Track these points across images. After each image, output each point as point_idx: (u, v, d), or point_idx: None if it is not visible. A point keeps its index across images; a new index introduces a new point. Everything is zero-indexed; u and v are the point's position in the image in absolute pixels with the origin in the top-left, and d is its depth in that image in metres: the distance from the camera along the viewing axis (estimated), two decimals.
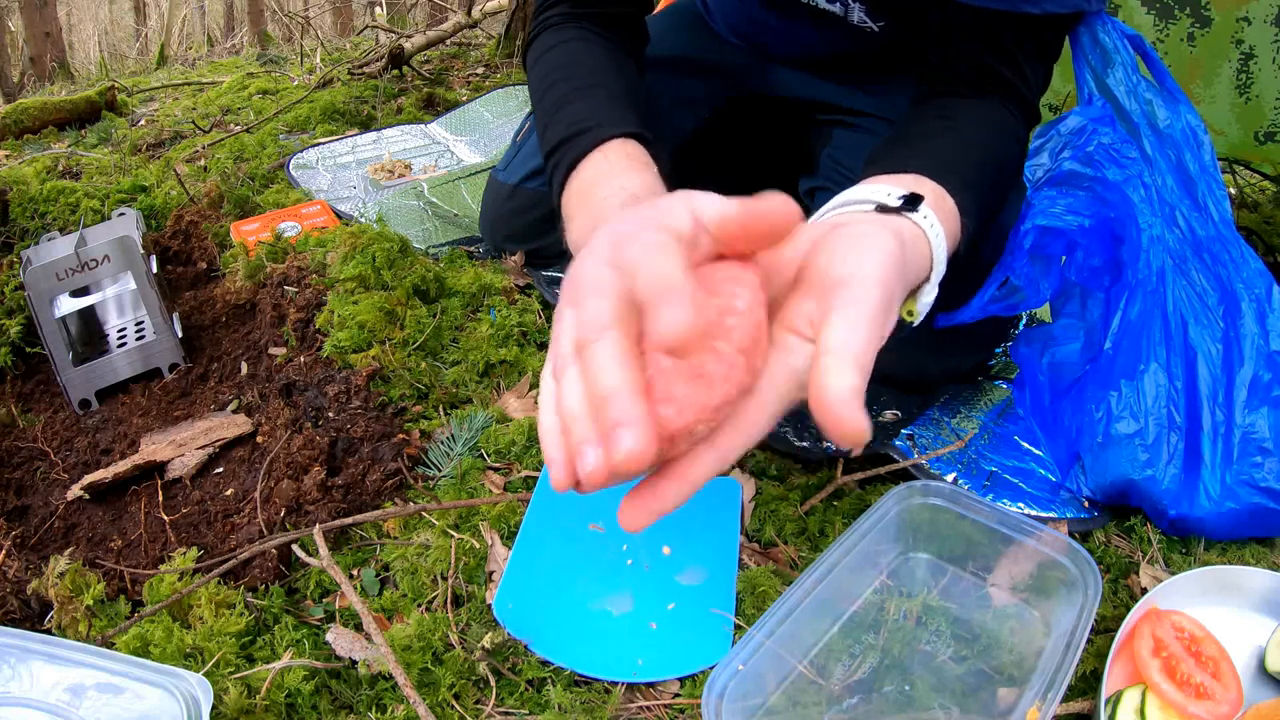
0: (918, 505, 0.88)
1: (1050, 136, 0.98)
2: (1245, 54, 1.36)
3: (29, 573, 0.88)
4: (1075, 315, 1.03)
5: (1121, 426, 0.93)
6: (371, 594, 0.88)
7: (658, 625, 0.83)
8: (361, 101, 2.33)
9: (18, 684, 0.70)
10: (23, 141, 2.16)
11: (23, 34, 7.30)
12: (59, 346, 1.17)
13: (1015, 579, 0.85)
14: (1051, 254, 0.96)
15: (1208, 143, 0.95)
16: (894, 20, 1.09)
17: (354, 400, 1.10)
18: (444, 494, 0.98)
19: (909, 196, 0.65)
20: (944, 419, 1.10)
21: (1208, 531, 0.92)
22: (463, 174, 1.85)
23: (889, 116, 1.17)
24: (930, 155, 0.80)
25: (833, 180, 1.19)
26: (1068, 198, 0.94)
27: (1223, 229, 0.94)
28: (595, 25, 1.03)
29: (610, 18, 1.04)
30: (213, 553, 0.92)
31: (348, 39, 4.96)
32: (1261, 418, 0.90)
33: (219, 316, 1.36)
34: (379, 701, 0.77)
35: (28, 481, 1.09)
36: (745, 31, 1.26)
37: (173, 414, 1.17)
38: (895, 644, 0.81)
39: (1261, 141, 1.43)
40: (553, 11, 1.04)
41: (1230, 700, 0.73)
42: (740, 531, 0.93)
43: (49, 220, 1.58)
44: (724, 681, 0.72)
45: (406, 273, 1.28)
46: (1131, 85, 0.96)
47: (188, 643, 0.78)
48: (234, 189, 1.69)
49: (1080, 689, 0.79)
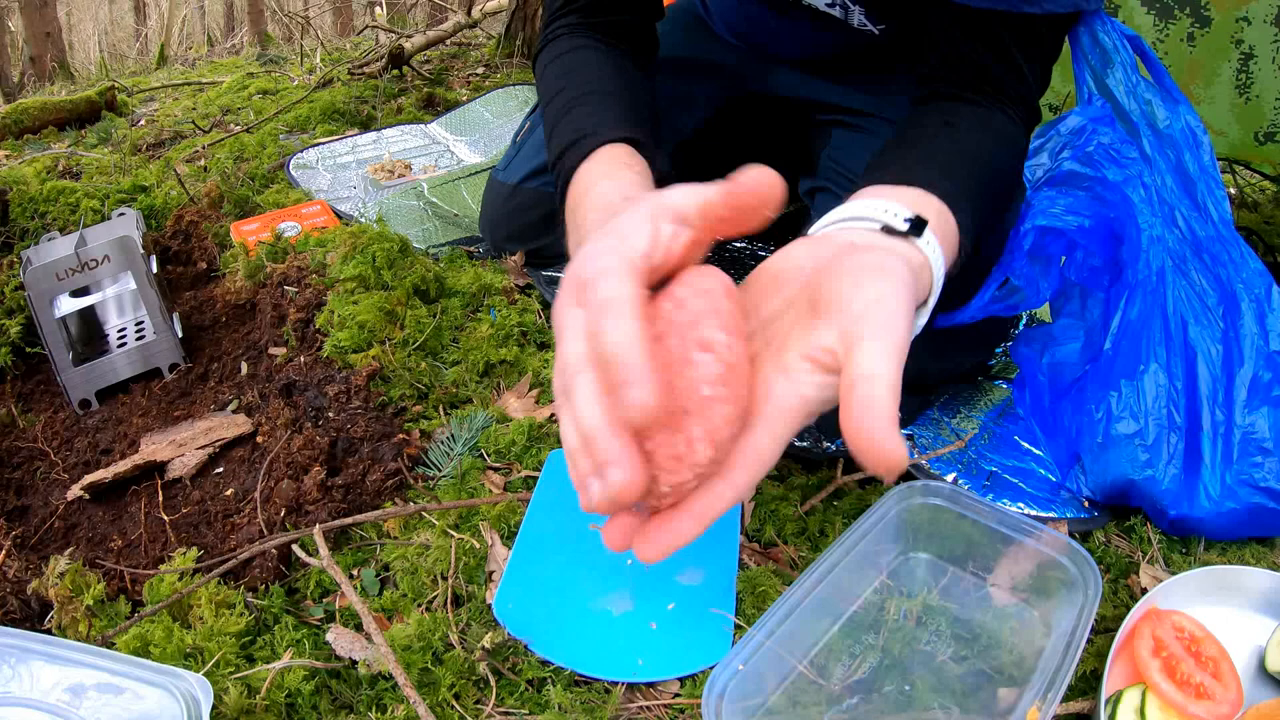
0: (918, 505, 0.88)
1: (1050, 136, 0.99)
2: (1245, 54, 1.36)
3: (29, 573, 0.88)
4: (1075, 315, 1.03)
5: (1121, 426, 0.93)
6: (371, 594, 0.88)
7: (658, 625, 0.83)
8: (361, 101, 2.33)
9: (18, 684, 0.70)
10: (23, 141, 2.16)
11: (23, 34, 7.30)
12: (59, 346, 1.17)
13: (1015, 579, 0.85)
14: (1051, 254, 0.96)
15: (1207, 143, 0.95)
16: (894, 23, 1.09)
17: (354, 400, 1.10)
18: (444, 494, 0.98)
19: (914, 221, 0.65)
20: (944, 419, 1.10)
21: (1208, 531, 0.92)
22: (463, 174, 1.85)
23: (889, 116, 1.17)
24: (935, 166, 0.80)
25: (832, 181, 1.19)
26: (1068, 198, 0.94)
27: (1222, 229, 0.94)
28: (601, 34, 1.03)
29: (616, 26, 1.04)
30: (213, 553, 0.92)
31: (348, 39, 4.96)
32: (1261, 418, 0.90)
33: (219, 316, 1.36)
34: (379, 701, 0.77)
35: (28, 481, 1.09)
36: (744, 32, 1.26)
37: (173, 414, 1.17)
38: (895, 644, 0.81)
39: (1261, 141, 1.43)
40: (560, 22, 1.04)
41: (1230, 700, 0.73)
42: (740, 531, 0.93)
43: (49, 220, 1.58)
44: (724, 681, 0.72)
45: (406, 273, 1.28)
46: (1131, 85, 0.96)
47: (188, 643, 0.78)
48: (234, 189, 1.69)
49: (1080, 689, 0.79)
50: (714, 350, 0.50)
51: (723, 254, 1.47)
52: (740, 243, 1.50)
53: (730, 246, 1.49)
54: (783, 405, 0.53)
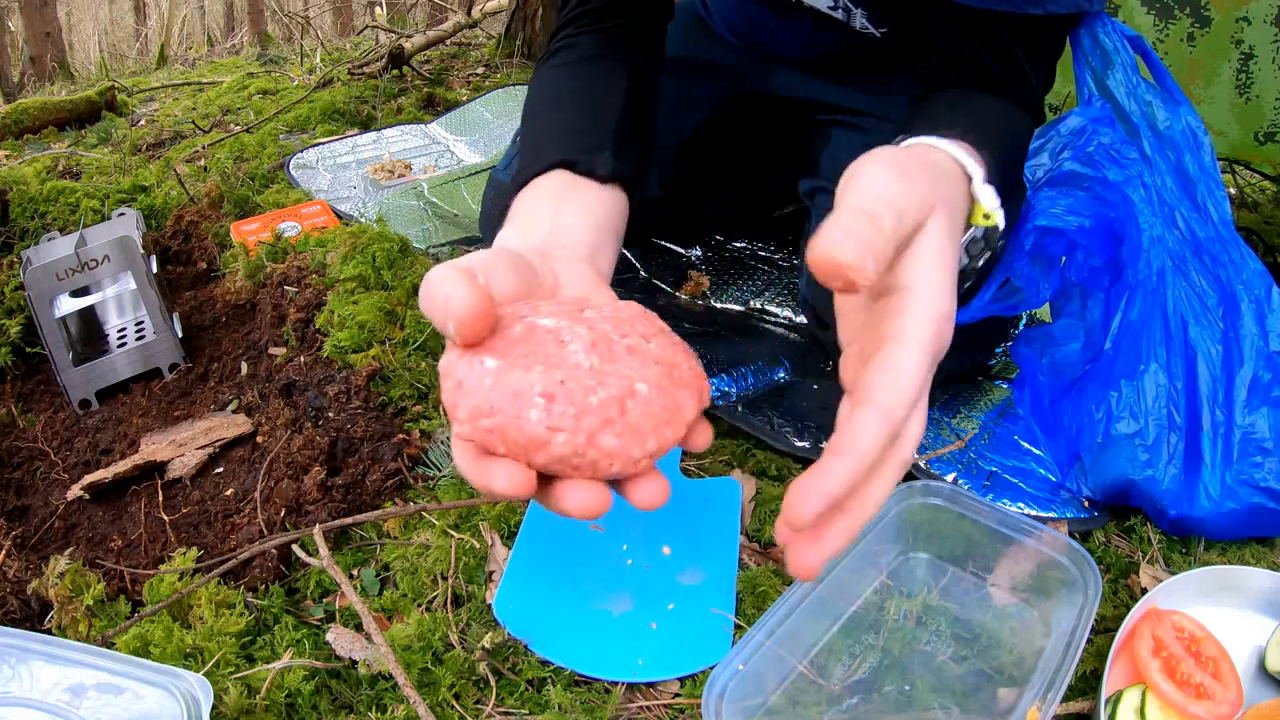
0: (918, 505, 0.88)
1: (1050, 137, 0.98)
2: (1245, 54, 1.36)
3: (29, 573, 0.88)
4: (1075, 315, 1.03)
5: (1121, 426, 0.93)
6: (371, 594, 0.88)
7: (658, 625, 0.83)
8: (361, 101, 2.33)
9: (18, 684, 0.70)
10: (23, 141, 2.16)
11: (23, 34, 7.30)
12: (59, 346, 1.17)
13: (1015, 579, 0.85)
14: (1051, 254, 0.96)
15: (1207, 144, 0.95)
16: (897, 25, 1.09)
17: (354, 400, 1.10)
18: (444, 494, 0.98)
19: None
20: (944, 419, 1.10)
21: (1208, 531, 0.92)
22: (463, 174, 1.85)
23: (889, 116, 1.17)
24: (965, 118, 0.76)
25: (833, 181, 1.17)
26: (1068, 198, 0.94)
27: (1222, 230, 0.94)
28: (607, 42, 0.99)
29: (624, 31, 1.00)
30: (213, 553, 0.92)
31: (348, 39, 4.96)
32: (1261, 418, 0.90)
33: (219, 316, 1.36)
34: (379, 701, 0.77)
35: (28, 481, 1.09)
36: (744, 32, 1.26)
37: (173, 414, 1.17)
38: (895, 644, 0.81)
39: (1261, 142, 1.43)
40: (567, 30, 1.02)
41: (1230, 700, 0.73)
42: (740, 531, 0.93)
43: (49, 220, 1.58)
44: (724, 681, 0.72)
45: (406, 273, 1.28)
46: (1131, 86, 0.96)
47: (188, 643, 0.78)
48: (234, 189, 1.69)
49: (1080, 689, 0.79)
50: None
51: (723, 254, 1.47)
52: (740, 243, 1.50)
53: (730, 246, 1.49)
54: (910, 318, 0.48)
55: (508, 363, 0.46)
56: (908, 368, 0.46)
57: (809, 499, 0.43)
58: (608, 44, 0.99)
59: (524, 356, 0.46)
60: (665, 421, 0.48)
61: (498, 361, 0.46)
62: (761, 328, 1.33)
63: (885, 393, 0.45)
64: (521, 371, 0.46)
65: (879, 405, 0.45)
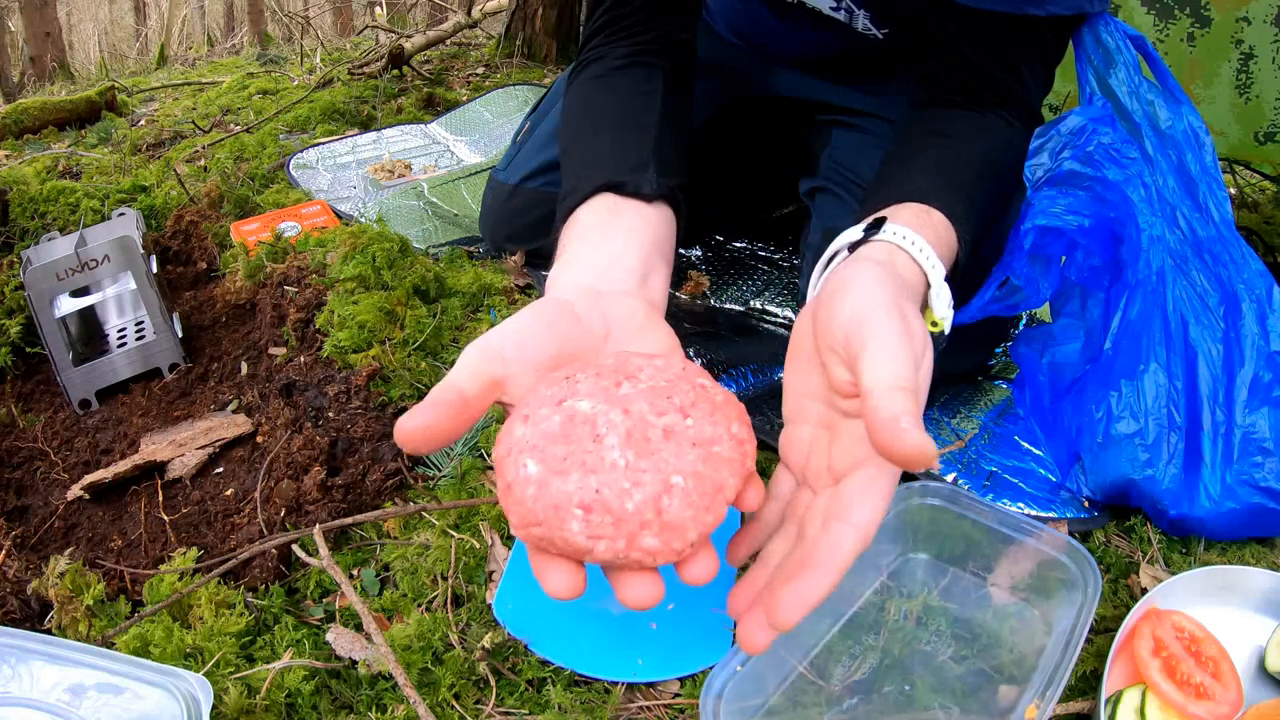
0: (917, 505, 0.88)
1: (1050, 136, 0.98)
2: (1245, 54, 1.36)
3: (29, 573, 0.88)
4: (1075, 315, 1.03)
5: (1121, 426, 0.93)
6: (371, 594, 0.88)
7: (658, 625, 0.83)
8: (361, 101, 2.33)
9: (18, 684, 0.70)
10: (23, 141, 2.16)
11: (23, 34, 7.30)
12: (59, 346, 1.17)
13: (1015, 578, 0.85)
14: (1051, 254, 0.96)
15: (1209, 144, 0.95)
16: (898, 26, 1.09)
17: (354, 400, 1.10)
18: (444, 494, 0.98)
19: (872, 222, 0.67)
20: (944, 419, 1.10)
21: (1208, 531, 0.92)
22: (463, 174, 1.85)
23: (889, 116, 1.17)
24: (916, 172, 0.81)
25: (833, 181, 1.19)
26: (1068, 198, 0.94)
27: (1223, 230, 0.94)
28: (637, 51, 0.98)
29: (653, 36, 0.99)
30: (213, 553, 0.92)
31: (348, 39, 4.96)
32: (1262, 418, 0.90)
33: (219, 316, 1.36)
34: (379, 701, 0.77)
35: (28, 481, 1.09)
36: (745, 32, 1.26)
37: (173, 414, 1.17)
38: (895, 644, 0.81)
39: (1261, 142, 1.43)
40: (596, 40, 1.01)
41: (1230, 700, 0.73)
42: None
43: (49, 220, 1.58)
44: (723, 682, 0.71)
45: (406, 273, 1.28)
46: (1134, 86, 0.96)
47: (188, 643, 0.78)
48: (234, 189, 1.69)
49: (1080, 689, 0.79)
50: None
51: (723, 254, 1.47)
52: (740, 243, 1.50)
53: (730, 246, 1.49)
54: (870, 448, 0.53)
55: (547, 468, 0.49)
56: (887, 493, 0.52)
57: (795, 609, 0.48)
58: (639, 52, 0.98)
59: (562, 460, 0.49)
60: (705, 508, 0.50)
61: (539, 468, 0.49)
62: (761, 328, 1.33)
63: (865, 514, 0.51)
64: (559, 482, 0.49)
65: (858, 526, 0.50)
